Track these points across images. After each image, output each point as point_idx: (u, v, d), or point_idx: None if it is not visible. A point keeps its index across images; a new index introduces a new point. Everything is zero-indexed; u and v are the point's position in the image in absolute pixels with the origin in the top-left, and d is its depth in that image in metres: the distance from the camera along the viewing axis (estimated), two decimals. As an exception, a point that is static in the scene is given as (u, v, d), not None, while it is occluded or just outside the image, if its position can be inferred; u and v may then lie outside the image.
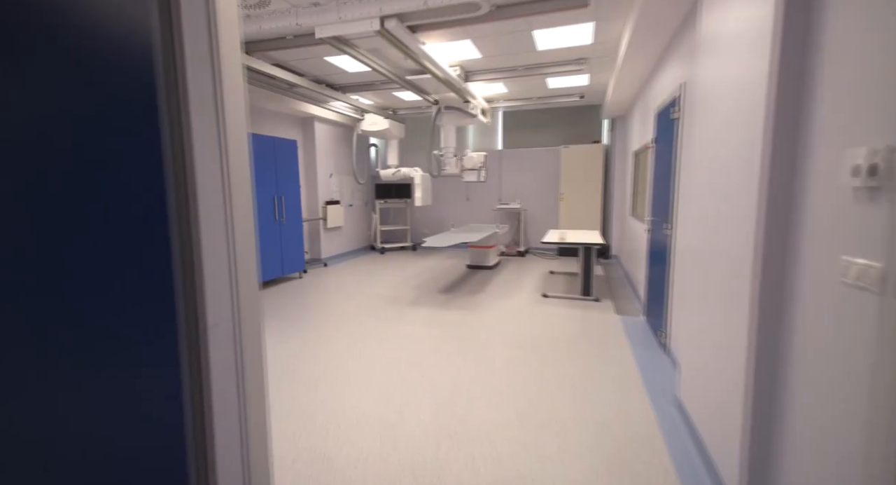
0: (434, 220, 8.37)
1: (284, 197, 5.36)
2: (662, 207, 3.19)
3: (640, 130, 4.71)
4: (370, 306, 4.33)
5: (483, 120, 5.95)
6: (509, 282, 5.37)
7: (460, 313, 4.04)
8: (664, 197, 3.11)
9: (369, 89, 5.41)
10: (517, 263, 6.75)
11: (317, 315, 4.05)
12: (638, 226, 4.58)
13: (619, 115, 6.39)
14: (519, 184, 7.72)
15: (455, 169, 5.64)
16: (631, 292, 4.74)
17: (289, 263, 5.48)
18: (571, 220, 7.04)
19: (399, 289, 5.08)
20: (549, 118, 7.44)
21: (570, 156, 6.91)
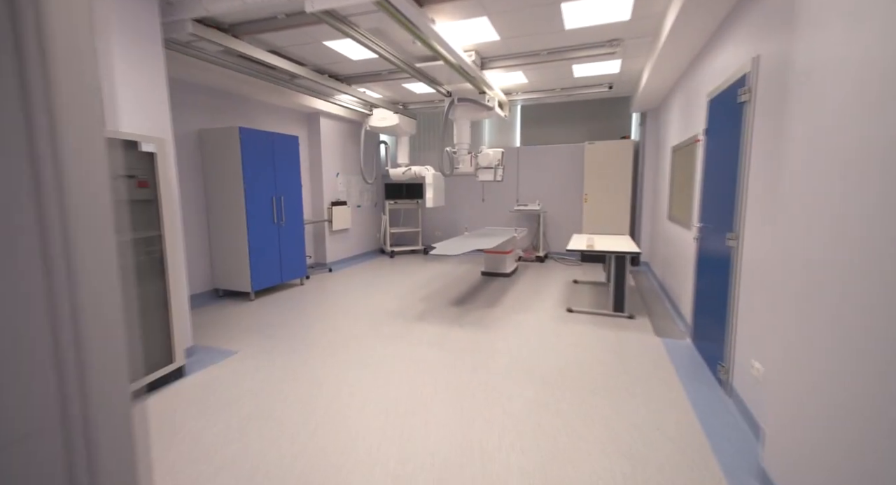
0: (447, 222, 7.88)
1: (284, 197, 4.94)
2: (720, 211, 2.62)
3: (680, 122, 4.11)
4: (371, 322, 3.86)
5: (501, 113, 5.42)
6: (529, 292, 4.83)
7: (473, 332, 3.53)
8: (724, 199, 2.54)
9: (376, 80, 4.95)
10: (536, 269, 6.19)
11: (308, 333, 3.59)
12: (677, 232, 3.99)
13: (651, 107, 5.78)
14: (538, 183, 7.16)
15: (469, 167, 5.13)
16: (669, 308, 4.15)
17: (289, 268, 5.06)
18: (596, 223, 6.44)
19: (406, 300, 4.60)
20: (572, 112, 6.86)
21: (595, 153, 6.32)
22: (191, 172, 4.45)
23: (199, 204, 4.57)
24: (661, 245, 5.00)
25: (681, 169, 4.01)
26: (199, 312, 4.18)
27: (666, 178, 4.82)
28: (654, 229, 5.62)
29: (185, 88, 4.33)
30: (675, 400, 2.40)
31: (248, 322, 3.86)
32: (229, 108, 4.89)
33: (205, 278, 4.65)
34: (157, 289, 2.53)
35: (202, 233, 4.61)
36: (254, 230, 4.53)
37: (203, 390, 2.58)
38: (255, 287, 4.57)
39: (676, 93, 4.37)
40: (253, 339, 3.43)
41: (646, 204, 6.01)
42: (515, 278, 5.59)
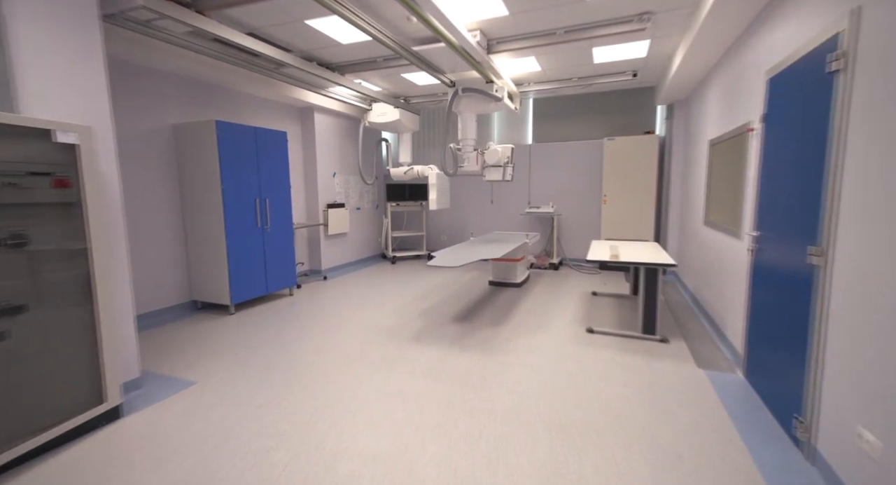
0: (453, 225, 7.35)
1: (270, 199, 4.47)
2: (791, 218, 2.04)
3: (722, 111, 3.51)
4: (361, 343, 3.34)
5: (511, 105, 4.88)
6: (542, 306, 4.26)
7: (476, 358, 2.98)
8: (799, 202, 1.96)
9: (372, 68, 4.45)
10: (550, 278, 5.61)
11: (286, 358, 3.09)
12: (717, 239, 3.39)
13: (680, 98, 5.16)
14: (552, 184, 6.58)
15: (475, 165, 4.60)
16: (708, 328, 3.54)
17: (275, 278, 4.59)
18: (616, 227, 5.84)
19: (403, 314, 4.08)
20: (589, 105, 6.26)
21: (615, 150, 5.72)
22: (164, 171, 4.01)
23: (174, 206, 4.12)
24: (694, 253, 4.39)
25: (722, 166, 3.41)
26: (169, 328, 3.71)
27: (700, 177, 4.21)
28: (685, 235, 5.00)
29: (156, 77, 3.89)
30: (737, 465, 1.82)
31: (221, 342, 3.37)
32: (211, 101, 4.44)
33: (181, 289, 4.19)
34: (80, 314, 2.04)
35: (178, 239, 4.16)
36: (233, 236, 4.06)
37: (138, 437, 2.09)
38: (234, 300, 4.10)
39: (716, 77, 3.77)
40: (220, 364, 2.94)
41: (673, 206, 5.38)
42: (527, 289, 5.03)
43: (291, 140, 5.63)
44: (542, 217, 6.66)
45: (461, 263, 3.20)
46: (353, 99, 5.73)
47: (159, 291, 3.98)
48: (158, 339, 3.44)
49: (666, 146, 5.68)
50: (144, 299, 3.85)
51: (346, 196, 6.42)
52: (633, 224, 5.75)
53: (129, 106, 3.68)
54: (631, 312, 4.03)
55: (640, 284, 3.28)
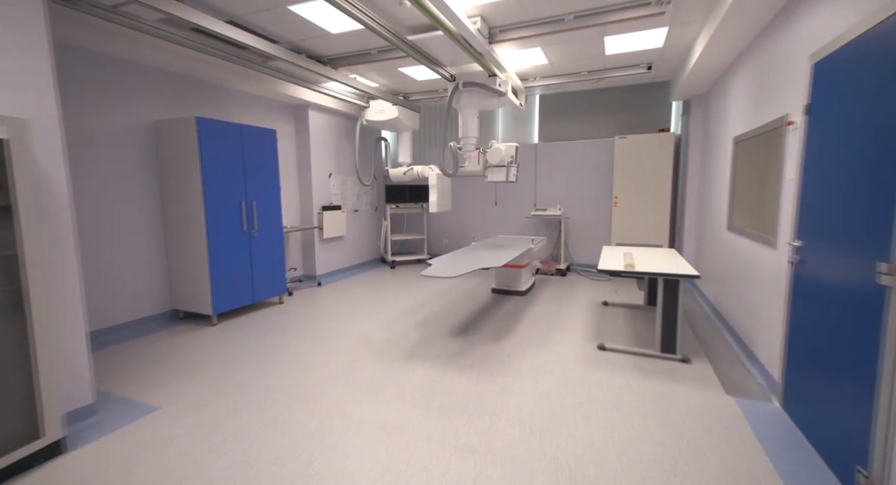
0: (456, 228, 7.04)
1: (257, 202, 4.19)
2: (846, 226, 1.70)
3: (750, 104, 3.16)
4: (348, 360, 3.04)
5: (515, 101, 4.56)
6: (548, 318, 3.93)
7: (474, 380, 2.66)
8: (859, 207, 1.62)
9: (366, 61, 4.16)
10: (557, 285, 5.28)
11: (263, 378, 2.79)
12: (745, 246, 3.04)
13: (698, 93, 4.80)
14: (560, 185, 6.24)
15: (477, 166, 4.28)
16: (734, 345, 3.19)
17: (263, 286, 4.30)
18: (628, 231, 5.49)
19: (398, 325, 3.77)
20: (599, 101, 5.92)
21: (627, 149, 5.38)
22: (144, 171, 3.74)
23: (155, 209, 3.85)
24: (715, 260, 4.03)
25: (750, 165, 3.06)
26: (142, 342, 3.44)
27: (722, 177, 3.85)
28: (704, 240, 4.64)
29: (136, 71, 3.62)
30: (790, 533, 1.48)
31: (196, 358, 3.09)
32: (197, 98, 4.18)
33: (161, 298, 3.93)
34: (10, 333, 1.76)
35: (158, 244, 3.89)
36: (216, 241, 3.78)
37: (78, 477, 1.80)
38: (217, 309, 3.82)
39: (742, 67, 3.42)
40: (189, 385, 2.65)
41: (690, 209, 5.02)
42: (532, 297, 4.70)
43: (285, 139, 5.36)
44: (548, 220, 6.32)
45: (458, 273, 2.89)
46: (350, 96, 5.45)
47: (137, 301, 3.72)
48: (128, 354, 3.16)
49: (682, 145, 5.32)
50: (119, 310, 3.58)
51: (342, 198, 6.13)
52: (647, 228, 5.40)
53: (105, 101, 3.42)
54: (646, 325, 3.69)
55: (659, 296, 2.94)
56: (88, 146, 3.33)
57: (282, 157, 5.31)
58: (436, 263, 3.43)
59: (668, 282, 2.91)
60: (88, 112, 3.32)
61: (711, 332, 3.52)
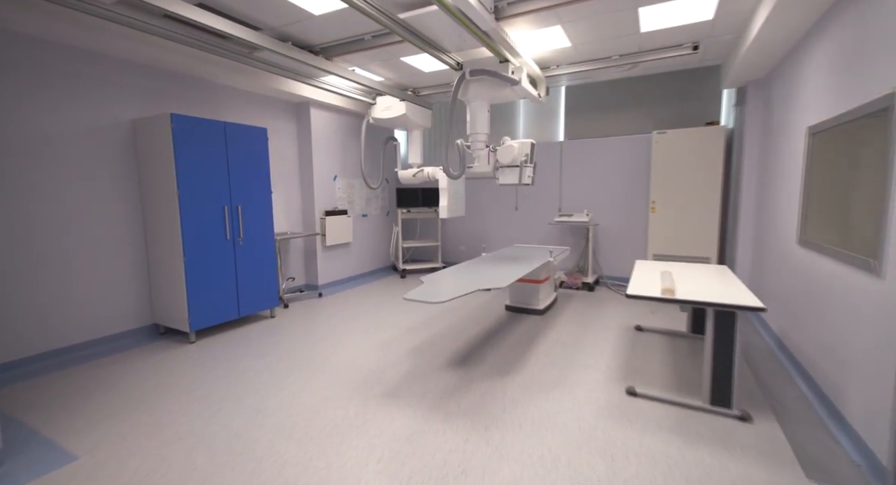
0: (472, 234, 6.48)
1: (242, 207, 3.82)
2: None
3: (834, 83, 2.43)
4: (319, 399, 2.56)
5: (532, 92, 3.95)
6: (567, 346, 3.30)
7: (464, 435, 2.11)
8: None
9: (360, 49, 3.71)
10: (583, 302, 4.60)
11: (208, 421, 2.36)
12: (829, 269, 2.31)
13: (756, 77, 4.01)
14: (588, 188, 5.55)
15: (487, 166, 3.72)
16: (810, 396, 2.45)
17: (251, 299, 3.93)
18: (668, 241, 4.73)
19: (390, 351, 3.27)
20: (635, 92, 5.19)
21: (666, 146, 4.64)
22: (121, 173, 3.45)
23: (133, 215, 3.55)
24: (781, 281, 3.27)
25: (835, 162, 2.33)
26: (100, 364, 3.11)
27: (791, 178, 3.10)
28: (764, 256, 3.85)
29: (111, 65, 3.33)
30: None
31: (151, 386, 2.71)
32: (184, 95, 3.87)
33: (141, 311, 3.62)
34: None
35: (137, 253, 3.59)
36: (194, 251, 3.43)
37: (-72, 568, 1.41)
38: (194, 326, 3.46)
39: (822, 36, 2.68)
40: (123, 426, 2.26)
41: (746, 217, 4.22)
42: (551, 318, 4.06)
43: (286, 139, 5.01)
44: (574, 227, 5.64)
45: (446, 298, 2.34)
46: (355, 92, 5.03)
47: (113, 315, 3.42)
48: (81, 378, 2.83)
49: (735, 140, 4.52)
50: (92, 324, 3.29)
51: (349, 202, 5.73)
52: (691, 239, 4.62)
53: (72, 98, 3.14)
54: (691, 360, 2.99)
55: (708, 332, 2.27)
56: (50, 146, 3.05)
57: (283, 158, 4.96)
58: (429, 280, 2.90)
59: (720, 314, 2.24)
60: (51, 110, 3.04)
61: (778, 375, 2.78)
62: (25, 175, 2.92)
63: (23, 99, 2.90)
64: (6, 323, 2.86)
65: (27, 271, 2.95)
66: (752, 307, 2.11)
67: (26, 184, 2.93)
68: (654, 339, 3.46)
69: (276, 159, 4.87)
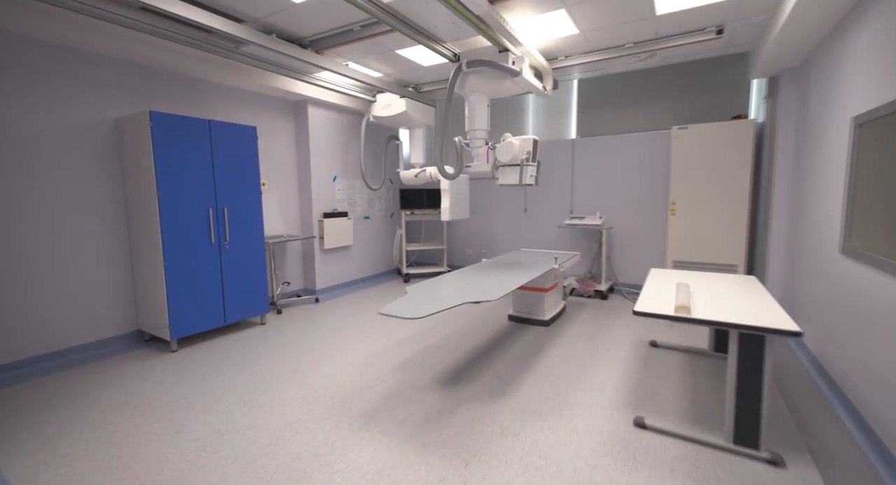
0: (479, 237, 6.18)
1: (229, 209, 3.65)
2: None
3: (885, 67, 2.04)
4: (287, 419, 2.33)
5: (536, 84, 3.65)
6: (571, 364, 2.98)
7: (438, 475, 1.83)
8: None
9: (350, 41, 3.48)
10: (594, 312, 4.25)
11: (161, 446, 2.16)
12: (880, 283, 1.93)
13: (790, 65, 3.59)
14: (601, 188, 5.19)
15: (485, 165, 3.44)
16: (854, 431, 2.07)
17: (238, 305, 3.76)
18: (690, 246, 4.33)
19: (376, 365, 3.02)
20: (652, 84, 4.81)
21: (687, 142, 4.24)
22: (104, 174, 3.32)
23: (117, 217, 3.43)
24: (820, 295, 2.86)
25: (890, 158, 1.95)
26: (81, 372, 2.98)
27: (833, 176, 2.69)
28: (800, 264, 3.43)
29: (93, 62, 3.21)
30: None
31: (115, 401, 2.54)
32: (175, 93, 3.73)
33: (126, 317, 3.49)
34: None
35: (122, 257, 3.46)
36: (174, 254, 3.27)
37: None
38: (175, 334, 3.31)
39: (871, 13, 2.29)
40: (74, 447, 2.08)
41: (778, 220, 3.79)
42: (558, 329, 3.74)
43: (285, 139, 4.85)
44: (586, 231, 5.28)
45: (424, 314, 2.07)
46: (354, 89, 4.83)
47: (96, 320, 3.29)
48: (41, 393, 2.68)
49: (766, 134, 4.09)
50: (72, 331, 3.16)
51: (350, 203, 5.53)
52: (715, 244, 4.21)
53: (52, 97, 3.02)
54: (712, 384, 2.62)
55: (732, 357, 1.93)
56: (29, 147, 2.94)
57: (281, 158, 4.80)
58: (412, 292, 2.63)
59: (747, 338, 1.89)
60: (25, 109, 2.93)
61: (816, 406, 2.39)
62: (2, 176, 2.82)
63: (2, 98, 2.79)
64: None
65: (3, 275, 2.83)
66: (786, 331, 1.76)
67: (4, 185, 2.82)
68: (670, 357, 3.10)
69: (273, 159, 4.71)
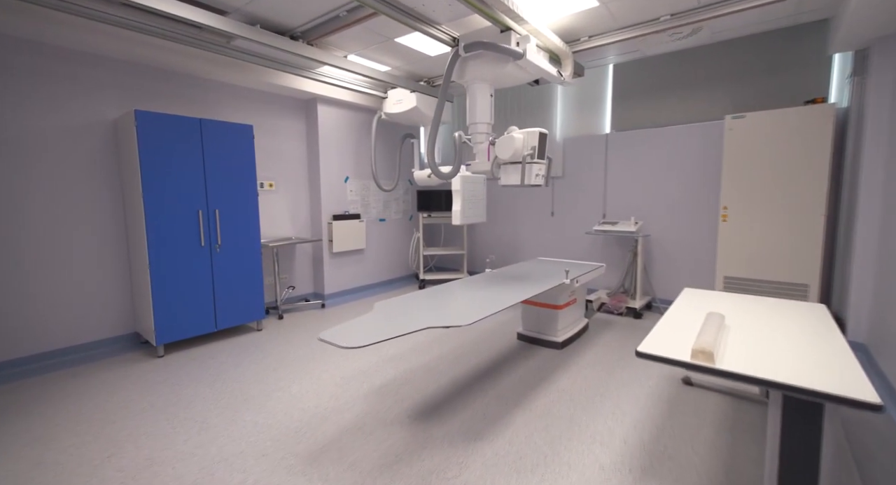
0: (503, 242, 5.70)
1: (220, 211, 3.52)
2: None
3: None
4: (222, 454, 2.06)
5: (549, 70, 3.13)
6: (577, 402, 2.46)
7: (361, 551, 1.46)
8: None
9: (339, 28, 3.19)
10: (622, 333, 3.64)
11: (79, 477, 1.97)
12: None
13: (883, 33, 2.78)
14: (638, 189, 4.51)
15: (485, 163, 3.00)
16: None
17: (230, 311, 3.62)
18: (746, 260, 3.58)
19: (349, 388, 2.70)
20: (700, 66, 4.07)
21: (745, 134, 3.50)
22: (101, 175, 3.31)
23: (115, 218, 3.41)
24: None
25: None
26: (62, 375, 2.95)
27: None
28: (894, 290, 2.64)
29: (87, 62, 3.20)
30: None
31: (75, 412, 2.44)
32: (177, 94, 3.69)
33: (123, 319, 3.47)
34: None
35: (120, 258, 3.44)
36: (160, 257, 3.18)
37: None
38: (161, 339, 3.22)
39: None
40: (11, 465, 1.96)
41: (865, 230, 2.98)
42: (573, 354, 3.20)
43: (296, 139, 4.72)
44: (620, 238, 4.62)
45: (363, 343, 1.70)
46: (364, 85, 4.58)
47: (90, 321, 3.29)
48: (12, 397, 2.65)
49: (850, 123, 3.27)
50: (67, 331, 3.17)
51: (363, 205, 5.30)
52: (779, 257, 3.43)
53: (49, 97, 3.03)
54: (759, 447, 2.00)
55: (773, 427, 1.37)
56: (28, 148, 2.96)
57: (291, 159, 4.67)
58: (379, 309, 2.27)
59: (795, 404, 1.32)
60: (27, 109, 2.95)
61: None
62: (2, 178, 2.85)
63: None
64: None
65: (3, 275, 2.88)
66: (858, 401, 1.18)
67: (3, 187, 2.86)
68: (707, 401, 2.47)
69: (283, 159, 4.59)
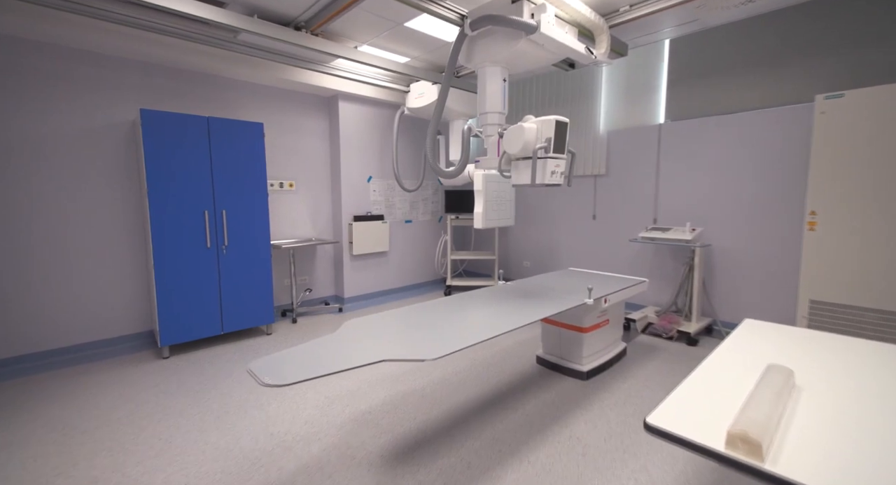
0: (540, 247, 5.17)
1: (227, 211, 3.43)
2: None
3: None
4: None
5: (574, 46, 2.62)
6: (588, 457, 1.97)
7: None
8: None
9: (338, 11, 2.92)
10: (669, 363, 3.01)
11: None
12: None
13: None
14: (697, 190, 3.78)
15: (494, 159, 2.57)
16: None
17: (237, 314, 3.54)
18: (841, 281, 2.78)
19: (332, 411, 2.43)
20: (781, 33, 3.27)
21: (842, 119, 2.71)
22: (119, 175, 3.35)
23: (136, 217, 3.46)
24: None
25: None
26: (70, 372, 3.00)
27: None
28: None
29: (107, 64, 3.25)
30: None
31: (56, 416, 2.41)
32: (194, 92, 3.68)
33: (142, 317, 3.52)
34: None
35: (139, 257, 3.49)
36: (164, 258, 3.14)
37: None
38: (165, 340, 3.19)
39: None
40: (-30, 471, 1.92)
41: None
42: (599, 387, 2.67)
43: (318, 137, 4.59)
44: (673, 248, 3.91)
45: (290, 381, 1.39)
46: (384, 79, 4.33)
47: (108, 319, 3.35)
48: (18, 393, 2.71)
49: None
50: (85, 327, 3.25)
51: (387, 206, 5.06)
52: (883, 276, 2.61)
53: (67, 99, 3.11)
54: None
55: None
56: (44, 151, 3.06)
57: (313, 158, 4.55)
58: (345, 328, 1.95)
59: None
60: (45, 112, 3.04)
61: None
62: (23, 179, 2.95)
63: (14, 102, 2.92)
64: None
65: (22, 274, 2.99)
66: None
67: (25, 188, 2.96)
68: (769, 472, 1.85)
69: (304, 159, 4.48)
